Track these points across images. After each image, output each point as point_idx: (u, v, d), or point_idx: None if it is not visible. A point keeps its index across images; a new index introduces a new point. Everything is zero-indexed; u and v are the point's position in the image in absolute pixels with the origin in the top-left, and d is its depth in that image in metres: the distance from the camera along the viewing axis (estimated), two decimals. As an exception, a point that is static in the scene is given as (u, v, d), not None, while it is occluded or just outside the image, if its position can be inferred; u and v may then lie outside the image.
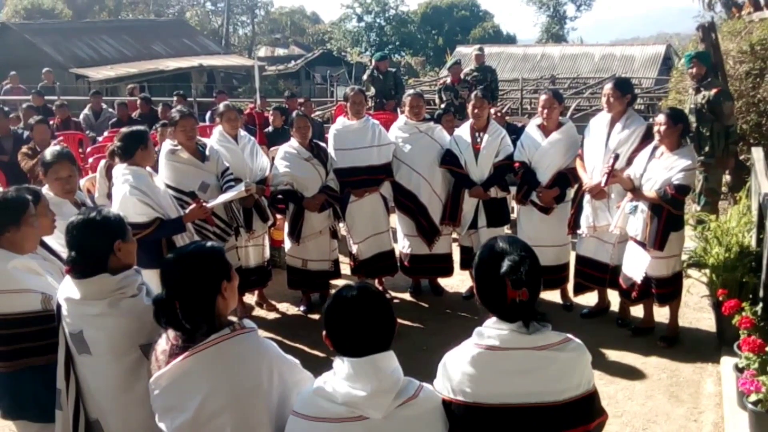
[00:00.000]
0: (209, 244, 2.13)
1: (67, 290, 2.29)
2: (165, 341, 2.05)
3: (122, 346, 2.23)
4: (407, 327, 5.21)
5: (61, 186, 3.49)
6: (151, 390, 2.03)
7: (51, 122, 8.69)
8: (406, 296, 5.93)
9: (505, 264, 1.83)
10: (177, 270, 2.02)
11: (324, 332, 1.88)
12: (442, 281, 6.06)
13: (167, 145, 4.79)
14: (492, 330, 1.89)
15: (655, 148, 4.52)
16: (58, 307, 2.34)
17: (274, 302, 5.81)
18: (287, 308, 5.78)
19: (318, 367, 2.16)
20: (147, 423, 2.22)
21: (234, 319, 2.06)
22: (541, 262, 1.93)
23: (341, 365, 1.82)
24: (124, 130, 4.34)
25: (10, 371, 2.57)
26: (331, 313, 1.85)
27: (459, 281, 6.10)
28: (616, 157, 4.59)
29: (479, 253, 1.97)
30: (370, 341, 1.81)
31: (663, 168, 4.39)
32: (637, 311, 5.07)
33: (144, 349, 2.24)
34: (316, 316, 5.58)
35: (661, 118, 4.49)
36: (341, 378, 1.80)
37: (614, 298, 5.24)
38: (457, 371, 1.88)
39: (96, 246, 2.26)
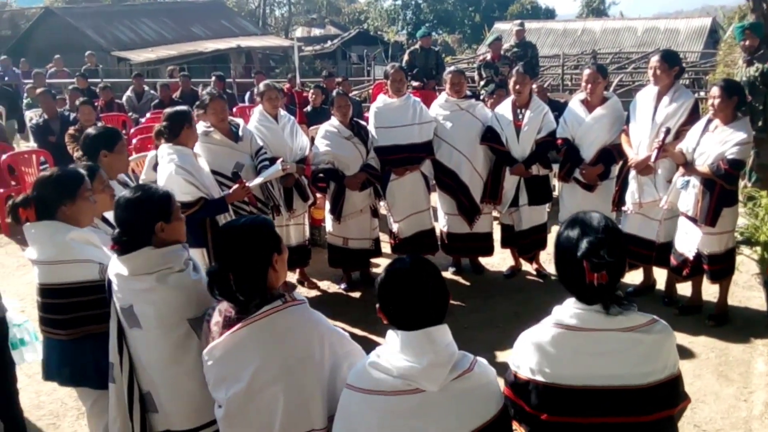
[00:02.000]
0: (260, 217, 2.16)
1: (116, 266, 2.35)
2: (218, 314, 2.09)
3: (171, 320, 2.28)
4: (448, 305, 5.19)
5: (126, 161, 3.63)
6: (205, 361, 2.07)
7: (95, 104, 8.87)
8: (447, 275, 5.92)
9: (584, 245, 1.76)
10: (230, 242, 2.05)
11: (378, 305, 1.88)
12: (483, 260, 6.03)
13: (200, 126, 4.82)
14: (572, 310, 1.84)
15: (709, 121, 4.39)
16: (109, 282, 2.40)
17: (315, 280, 5.87)
18: (328, 286, 5.83)
19: (359, 344, 2.18)
20: (197, 395, 2.29)
21: (285, 292, 2.09)
22: None
23: (395, 338, 1.81)
24: (168, 110, 4.40)
25: (70, 339, 2.66)
26: (385, 286, 1.85)
27: (500, 260, 6.07)
28: (667, 131, 4.47)
29: (559, 229, 1.91)
30: (424, 314, 1.80)
31: (717, 142, 4.27)
32: (684, 290, 4.97)
33: (192, 323, 2.28)
34: (356, 294, 5.62)
35: (715, 90, 4.35)
36: (396, 351, 1.80)
37: (660, 276, 5.16)
38: (535, 351, 1.84)
39: (138, 224, 2.30)
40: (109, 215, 2.99)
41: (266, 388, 1.96)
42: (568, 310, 1.85)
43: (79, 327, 2.64)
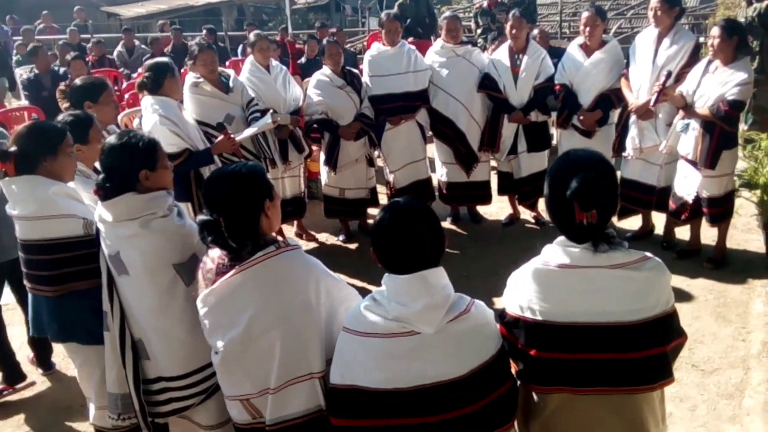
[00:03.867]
0: (250, 163, 2.12)
1: (102, 213, 2.31)
2: (211, 261, 2.06)
3: (156, 266, 2.26)
4: (447, 254, 5.16)
5: (113, 111, 3.58)
6: (200, 308, 2.05)
7: (86, 60, 8.72)
8: (445, 224, 5.90)
9: (574, 184, 1.73)
10: (220, 188, 2.01)
11: (371, 249, 1.85)
12: (481, 209, 6.01)
13: (190, 78, 4.71)
14: (561, 248, 1.82)
15: (709, 62, 4.31)
16: (97, 230, 2.37)
17: (313, 233, 5.85)
18: (326, 238, 5.82)
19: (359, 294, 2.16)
20: (186, 342, 2.29)
21: (279, 238, 2.06)
22: None
23: (391, 282, 1.79)
24: (149, 61, 4.32)
25: (56, 295, 2.63)
26: (380, 229, 1.82)
27: (498, 209, 6.04)
28: (669, 75, 4.39)
29: (551, 166, 1.88)
30: (419, 257, 1.78)
31: (717, 83, 4.19)
32: (682, 234, 4.97)
33: (178, 268, 2.26)
34: (354, 246, 5.62)
35: (715, 30, 4.25)
36: (391, 294, 1.78)
37: (658, 221, 5.14)
38: (525, 288, 1.83)
39: (122, 171, 2.26)
40: None
41: (263, 334, 1.95)
42: (557, 248, 1.83)
43: (64, 283, 2.61)
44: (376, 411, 1.77)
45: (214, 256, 2.06)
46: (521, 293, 1.84)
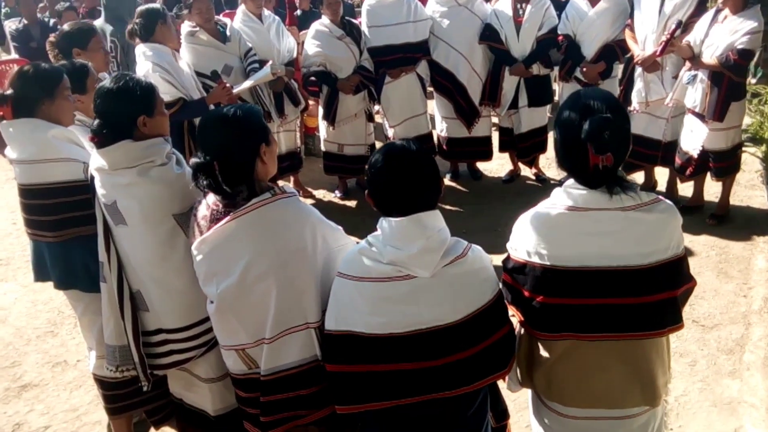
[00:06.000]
0: (246, 105, 2.02)
1: (97, 161, 2.22)
2: (205, 207, 1.99)
3: (155, 215, 2.18)
4: (446, 211, 5.15)
5: (103, 58, 3.43)
6: (194, 256, 1.99)
7: (78, 12, 8.49)
8: (445, 181, 5.82)
9: (587, 126, 1.64)
10: (215, 129, 1.93)
11: (366, 192, 1.79)
12: (481, 166, 5.92)
13: (185, 27, 4.57)
14: (571, 190, 1.74)
15: (718, 11, 4.18)
16: (92, 178, 2.29)
17: (310, 189, 5.77)
18: (324, 195, 5.75)
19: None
20: (186, 293, 2.23)
21: (275, 185, 1.98)
22: None
23: (386, 225, 1.73)
24: (140, 8, 4.17)
25: (59, 241, 2.57)
26: (375, 170, 1.75)
27: (498, 165, 5.96)
28: (679, 24, 4.25)
29: (560, 108, 1.78)
30: (415, 199, 1.71)
31: (726, 32, 4.07)
32: (685, 190, 4.90)
33: (177, 218, 2.19)
34: (352, 203, 5.55)
35: (724, -23, 4.11)
36: (387, 237, 1.72)
37: (661, 177, 5.07)
38: (532, 232, 1.76)
39: (119, 116, 2.16)
40: None
41: (258, 282, 1.89)
42: (567, 191, 1.75)
43: (65, 229, 2.54)
44: (371, 356, 1.73)
45: (209, 202, 1.99)
46: (528, 238, 1.77)
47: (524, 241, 1.78)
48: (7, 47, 10.19)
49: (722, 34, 4.10)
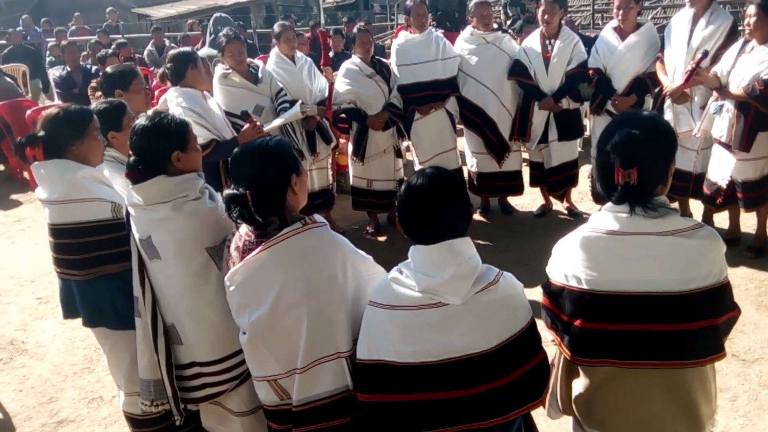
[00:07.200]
0: (276, 137, 2.07)
1: (133, 197, 2.29)
2: (237, 238, 2.03)
3: (189, 249, 2.22)
4: (478, 246, 5.07)
5: (143, 99, 3.53)
6: (227, 287, 2.02)
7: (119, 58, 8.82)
8: (476, 216, 5.81)
9: (616, 138, 1.65)
10: (246, 161, 1.97)
11: (397, 218, 1.80)
12: (512, 200, 5.91)
13: (219, 69, 4.71)
14: (610, 213, 1.74)
15: (746, 42, 4.17)
16: (128, 214, 2.35)
17: (342, 226, 5.81)
18: (354, 232, 5.77)
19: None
20: (220, 326, 2.25)
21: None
22: None
23: (417, 253, 1.74)
24: (172, 52, 4.29)
25: (86, 279, 2.62)
26: (406, 198, 1.77)
27: (529, 200, 5.94)
28: (705, 54, 4.25)
29: (606, 125, 1.80)
30: (445, 226, 1.72)
31: (753, 62, 4.05)
32: (721, 222, 4.81)
33: (210, 251, 2.23)
34: (383, 238, 5.56)
35: (751, 9, 4.11)
36: (418, 264, 1.73)
37: (696, 209, 4.99)
38: (571, 256, 1.75)
39: (154, 152, 2.23)
40: None
41: (289, 312, 1.91)
42: (606, 214, 1.75)
43: (93, 267, 2.58)
44: (403, 386, 1.72)
45: (242, 233, 2.03)
46: (567, 261, 1.76)
47: (562, 265, 1.78)
48: (51, 94, 10.60)
49: (749, 65, 4.08)
